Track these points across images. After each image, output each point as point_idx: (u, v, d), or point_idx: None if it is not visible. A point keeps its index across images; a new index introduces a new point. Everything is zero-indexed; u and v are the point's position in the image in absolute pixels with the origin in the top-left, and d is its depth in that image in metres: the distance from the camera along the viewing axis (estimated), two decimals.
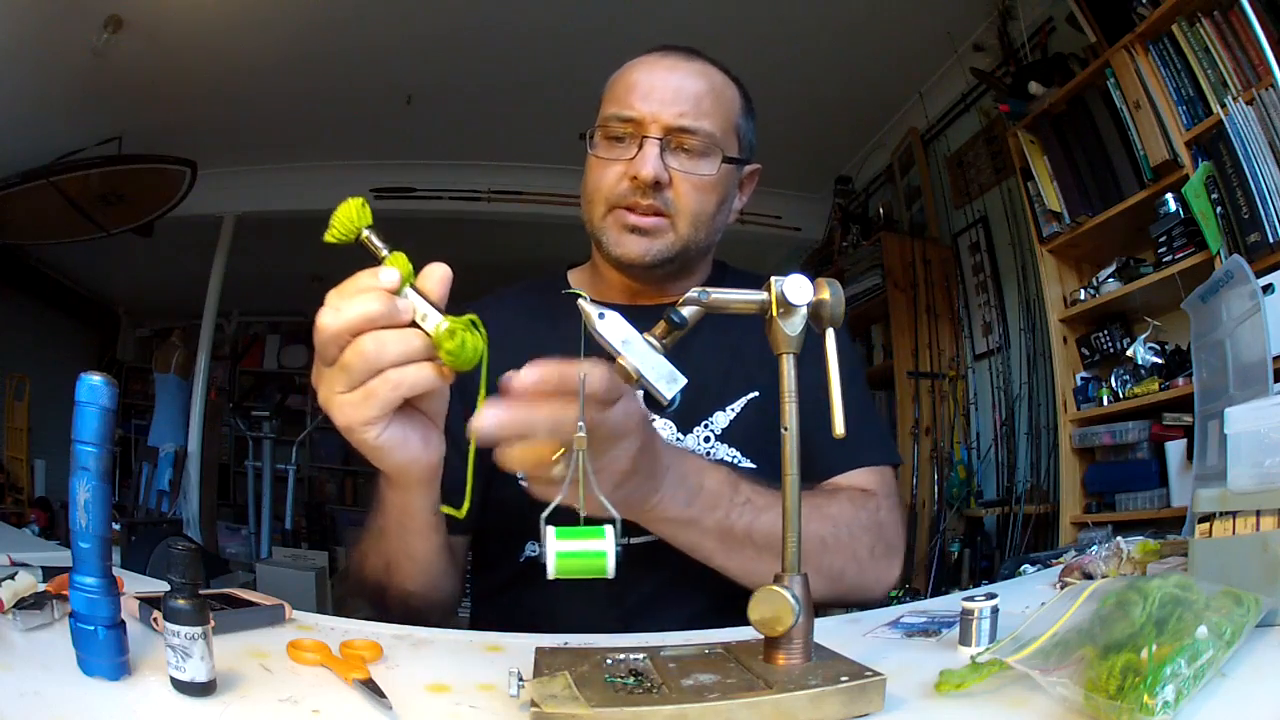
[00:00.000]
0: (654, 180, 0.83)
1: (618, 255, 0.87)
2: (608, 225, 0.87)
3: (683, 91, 0.85)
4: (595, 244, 0.91)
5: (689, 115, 0.85)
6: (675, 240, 0.87)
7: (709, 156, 0.86)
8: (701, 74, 0.88)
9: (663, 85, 0.85)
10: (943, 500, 2.93)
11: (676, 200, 0.86)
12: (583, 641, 0.63)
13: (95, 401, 0.48)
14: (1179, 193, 1.89)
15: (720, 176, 0.87)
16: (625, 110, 0.85)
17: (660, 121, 0.84)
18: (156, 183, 3.48)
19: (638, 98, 0.85)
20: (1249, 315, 0.82)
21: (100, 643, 0.48)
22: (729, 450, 0.86)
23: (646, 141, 0.84)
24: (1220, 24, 1.80)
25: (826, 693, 0.45)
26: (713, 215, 0.89)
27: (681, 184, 0.85)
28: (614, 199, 0.86)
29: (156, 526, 3.90)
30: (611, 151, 0.86)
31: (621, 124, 0.85)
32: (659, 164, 0.83)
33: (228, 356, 5.80)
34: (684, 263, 0.89)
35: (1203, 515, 0.65)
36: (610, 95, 0.89)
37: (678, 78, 0.86)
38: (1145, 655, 0.42)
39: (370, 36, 2.88)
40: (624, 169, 0.85)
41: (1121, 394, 2.14)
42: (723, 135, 0.87)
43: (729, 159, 0.88)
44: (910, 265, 3.15)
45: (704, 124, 0.85)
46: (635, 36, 2.77)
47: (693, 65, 0.88)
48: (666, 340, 0.51)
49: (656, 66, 0.87)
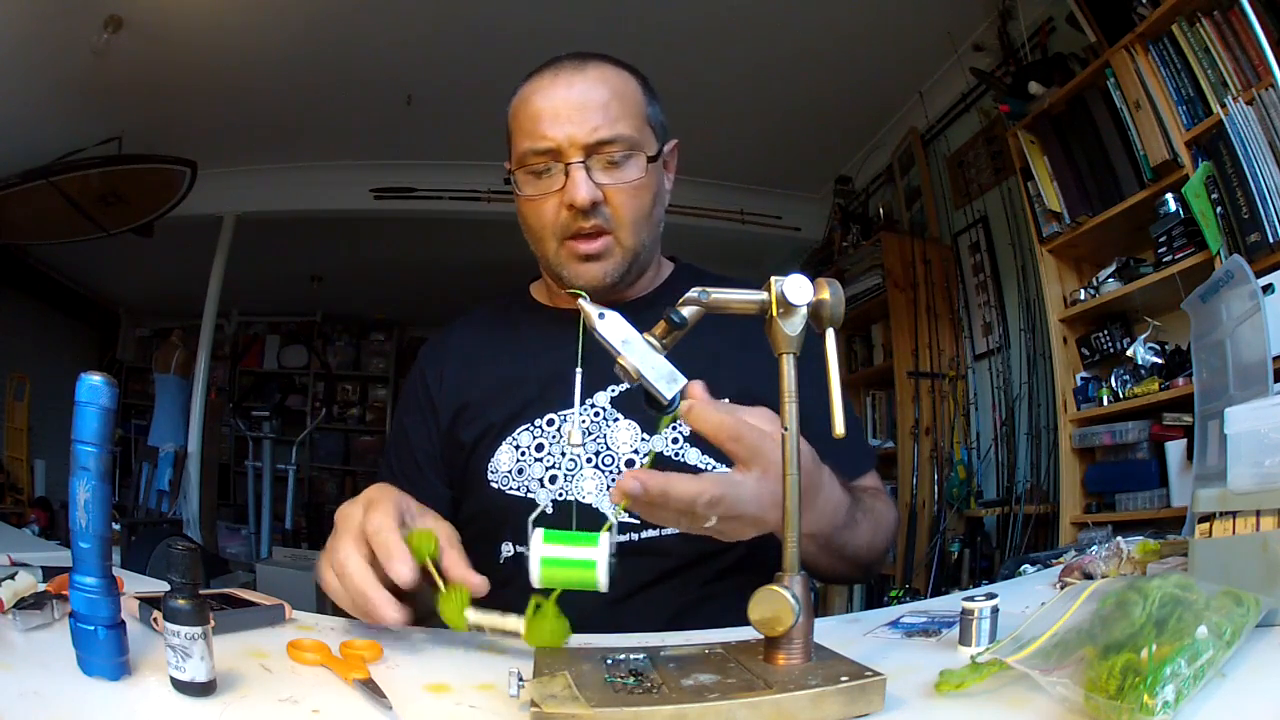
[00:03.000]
0: (590, 203, 0.83)
1: (580, 285, 0.88)
2: (563, 259, 0.88)
3: (589, 105, 0.84)
4: (553, 277, 0.93)
5: (603, 127, 0.84)
6: (623, 254, 0.88)
7: (633, 160, 0.86)
8: (600, 80, 0.86)
9: (566, 105, 0.84)
10: (943, 500, 2.93)
11: (615, 213, 0.86)
12: (583, 641, 0.63)
13: (95, 401, 0.48)
14: (1179, 193, 1.89)
15: (648, 175, 0.87)
16: (539, 143, 0.84)
17: (577, 143, 0.83)
18: (156, 183, 3.48)
19: (546, 125, 0.84)
20: (1249, 315, 0.82)
21: (100, 643, 0.48)
22: (699, 455, 0.86)
23: (571, 167, 0.83)
24: (1220, 24, 1.80)
25: (826, 693, 0.45)
26: (650, 214, 0.90)
27: (615, 196, 0.85)
28: (559, 231, 0.86)
29: (156, 526, 3.90)
30: (539, 187, 0.86)
31: (539, 156, 0.85)
32: (590, 186, 0.83)
33: (228, 356, 5.80)
34: (636, 271, 0.92)
35: (1203, 515, 0.65)
36: (518, 127, 0.88)
37: (579, 92, 0.85)
38: (1145, 655, 0.42)
39: (370, 36, 2.88)
40: (558, 200, 0.85)
41: (1121, 394, 2.14)
42: (638, 133, 0.87)
43: (651, 157, 0.88)
44: (910, 265, 3.15)
45: (620, 130, 0.85)
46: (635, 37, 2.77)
47: (588, 74, 0.86)
48: (666, 340, 0.51)
49: (555, 87, 0.86)
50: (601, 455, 0.87)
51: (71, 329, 5.28)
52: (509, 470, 0.89)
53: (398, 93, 3.26)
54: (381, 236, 4.49)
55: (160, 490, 4.09)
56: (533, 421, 0.90)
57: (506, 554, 0.89)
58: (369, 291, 5.65)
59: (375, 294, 5.70)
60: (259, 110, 3.31)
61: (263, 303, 5.75)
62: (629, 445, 0.87)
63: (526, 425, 0.90)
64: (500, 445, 0.90)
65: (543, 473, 0.87)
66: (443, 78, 3.19)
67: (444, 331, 1.04)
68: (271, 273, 4.98)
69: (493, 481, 0.90)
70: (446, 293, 4.74)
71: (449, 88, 3.26)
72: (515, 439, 0.90)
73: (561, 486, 0.86)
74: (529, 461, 0.88)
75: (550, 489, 0.87)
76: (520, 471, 0.88)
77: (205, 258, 4.01)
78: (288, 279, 5.31)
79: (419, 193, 3.92)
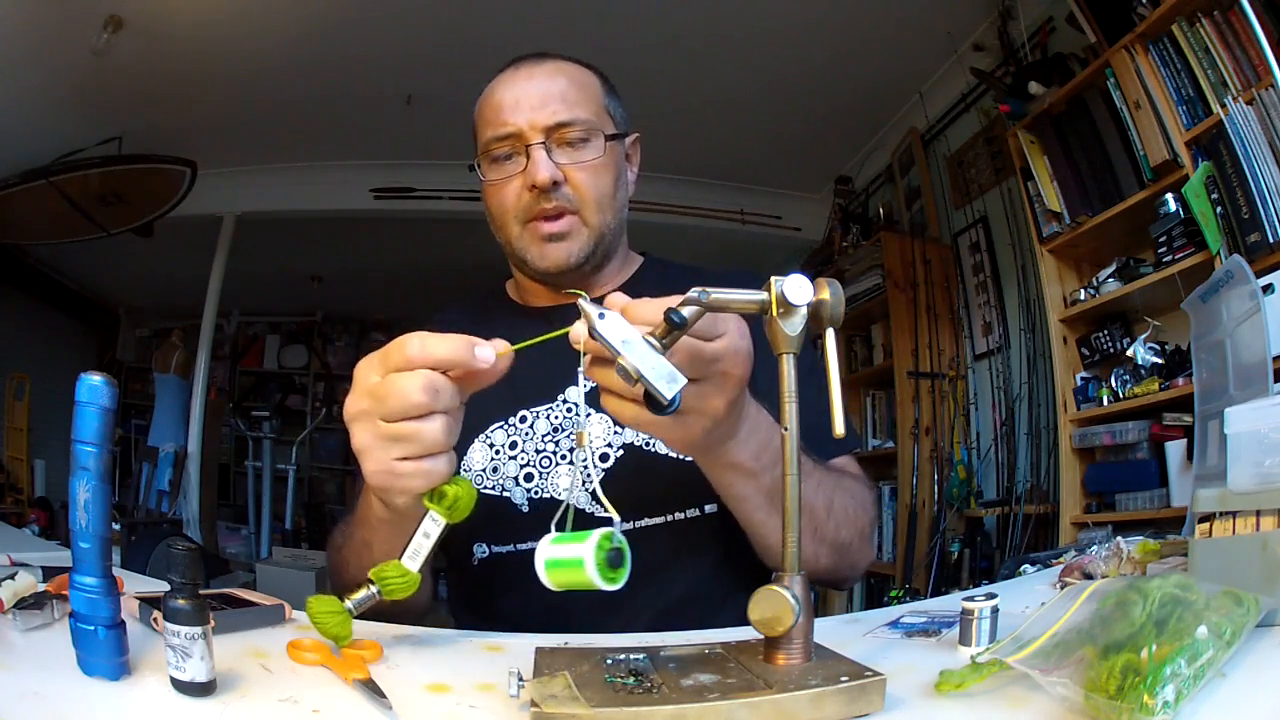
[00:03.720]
0: (551, 182, 0.86)
1: (544, 268, 0.90)
2: (526, 242, 0.90)
3: (548, 93, 0.88)
4: (518, 263, 0.95)
5: (560, 110, 0.88)
6: (589, 233, 0.90)
7: (591, 141, 0.89)
8: (558, 71, 0.91)
9: (525, 93, 0.88)
10: (943, 500, 2.93)
11: (576, 192, 0.89)
12: (583, 641, 0.63)
13: (95, 401, 0.48)
14: (1179, 193, 1.89)
15: (608, 156, 0.90)
16: (500, 129, 0.88)
17: (536, 125, 0.87)
18: (156, 183, 3.48)
19: (508, 112, 0.88)
20: (1249, 315, 0.82)
21: (100, 643, 0.48)
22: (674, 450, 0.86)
23: (531, 148, 0.87)
24: (1220, 24, 1.80)
25: (826, 693, 0.45)
26: (613, 195, 0.92)
27: (576, 175, 0.88)
28: (522, 213, 0.89)
29: (156, 526, 3.90)
30: (502, 171, 0.89)
31: (501, 142, 0.88)
32: (550, 165, 0.86)
33: (228, 356, 5.80)
34: (602, 253, 0.93)
35: (1203, 515, 0.65)
36: (482, 121, 0.92)
37: (537, 83, 0.89)
38: (1145, 655, 0.42)
39: (370, 37, 2.88)
40: (520, 182, 0.88)
41: (1121, 394, 2.14)
42: (596, 118, 0.91)
43: (610, 136, 0.91)
44: (910, 265, 3.15)
45: (577, 113, 0.88)
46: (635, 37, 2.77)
47: (546, 66, 0.92)
48: (666, 340, 0.51)
49: (514, 79, 0.90)
50: (575, 451, 0.87)
51: (71, 329, 5.28)
52: (482, 469, 0.88)
53: (398, 93, 3.25)
54: (381, 236, 4.49)
55: (160, 490, 4.09)
56: (506, 420, 0.89)
57: (480, 555, 0.89)
58: (369, 291, 5.65)
59: (375, 294, 5.69)
60: (259, 110, 3.31)
61: (263, 303, 5.75)
62: (603, 440, 0.86)
63: (500, 423, 0.89)
64: (473, 443, 0.89)
65: (517, 470, 0.87)
66: (443, 78, 3.18)
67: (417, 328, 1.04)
68: (271, 273, 4.98)
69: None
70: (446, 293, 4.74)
71: (449, 88, 3.24)
72: (488, 436, 0.89)
73: (538, 484, 0.86)
74: (503, 460, 0.88)
75: (525, 487, 0.87)
76: (494, 470, 0.88)
77: (205, 258, 4.00)
78: (288, 279, 5.31)
79: (419, 193, 3.92)
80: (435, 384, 0.56)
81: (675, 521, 0.85)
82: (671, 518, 0.85)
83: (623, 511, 0.85)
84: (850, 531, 0.79)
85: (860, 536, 0.81)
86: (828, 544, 0.77)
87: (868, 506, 0.84)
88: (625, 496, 0.85)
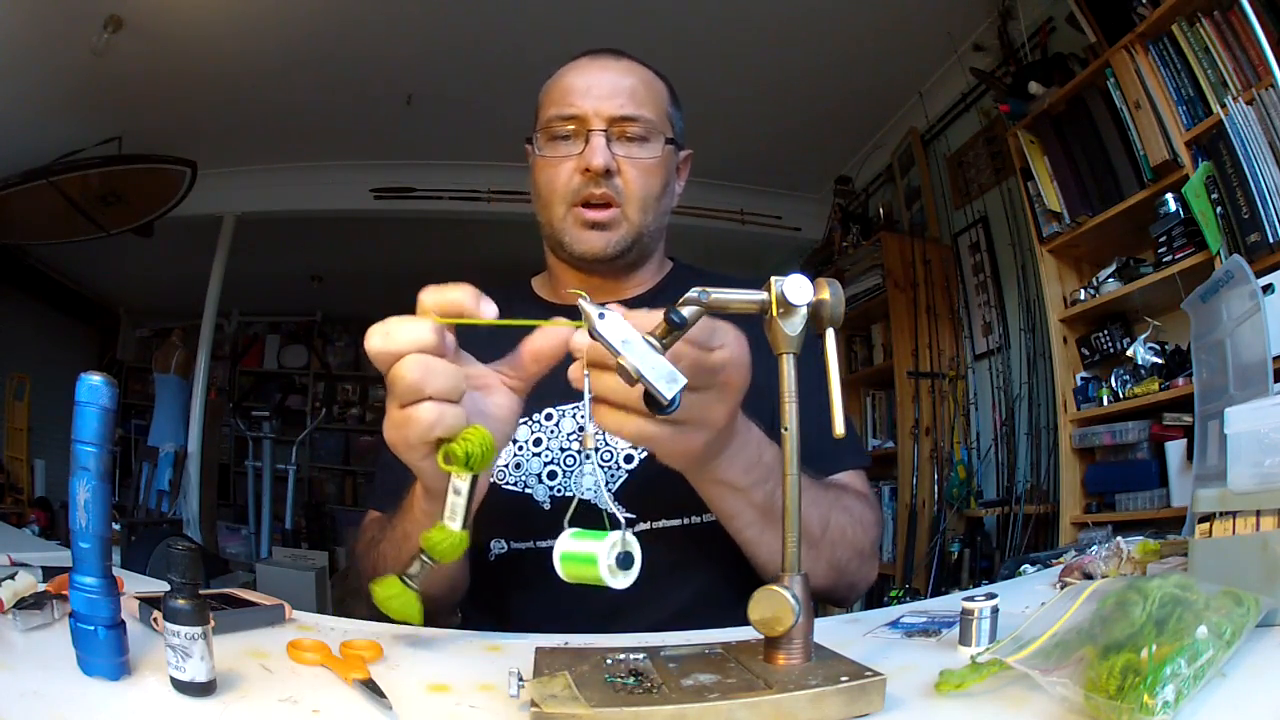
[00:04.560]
0: (605, 169, 0.87)
1: (580, 252, 0.91)
2: (568, 225, 0.91)
3: (618, 85, 0.91)
4: (554, 245, 0.94)
5: (628, 105, 0.89)
6: (629, 228, 0.91)
7: (650, 141, 0.91)
8: (631, 69, 0.94)
9: (598, 82, 0.90)
10: (943, 500, 2.93)
11: (625, 186, 0.90)
12: (583, 641, 0.63)
13: (95, 401, 0.48)
14: (1179, 193, 1.89)
15: (662, 159, 0.92)
16: (566, 109, 0.89)
17: (602, 114, 0.89)
18: (156, 183, 3.48)
19: (576, 96, 0.90)
20: (1249, 315, 0.82)
21: (100, 643, 0.48)
22: None
23: (592, 134, 0.88)
24: (1220, 24, 1.80)
25: (826, 693, 0.45)
26: (659, 198, 0.93)
27: (629, 169, 0.90)
28: (570, 196, 0.90)
29: (156, 526, 3.90)
30: (558, 150, 0.90)
31: (564, 122, 0.90)
32: (606, 152, 0.88)
33: (228, 356, 5.80)
34: (639, 252, 0.94)
35: (1203, 515, 0.65)
36: (548, 99, 0.93)
37: (610, 75, 0.91)
38: (1145, 655, 0.42)
39: (370, 36, 2.88)
40: (574, 164, 0.89)
41: (1121, 394, 2.14)
42: (659, 121, 0.92)
43: (669, 140, 0.93)
44: (910, 265, 3.15)
45: (643, 111, 0.90)
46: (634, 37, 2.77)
47: (622, 63, 0.94)
48: (666, 340, 0.51)
49: (589, 67, 0.93)
50: (600, 451, 0.87)
51: (71, 329, 5.28)
52: (505, 465, 0.88)
53: (398, 93, 3.25)
54: (381, 236, 4.49)
55: (160, 490, 4.08)
56: (530, 416, 0.89)
57: (498, 551, 0.89)
58: (369, 291, 5.65)
59: (375, 294, 5.68)
60: (259, 110, 3.31)
61: (263, 303, 5.75)
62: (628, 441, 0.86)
63: (524, 419, 0.89)
64: None
65: (541, 468, 0.87)
66: (443, 78, 3.19)
67: None
68: (271, 273, 4.98)
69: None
70: None
71: (449, 88, 3.26)
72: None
73: (561, 482, 0.86)
74: (526, 456, 0.88)
75: (549, 484, 0.87)
76: (518, 466, 0.88)
77: (205, 258, 4.00)
78: (288, 279, 5.31)
79: (419, 193, 3.92)
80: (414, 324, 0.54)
81: (692, 525, 0.84)
82: (688, 521, 0.84)
83: (642, 512, 0.85)
84: (847, 552, 0.79)
85: (859, 556, 0.80)
86: (824, 562, 0.76)
87: (869, 526, 0.83)
88: (647, 498, 0.85)
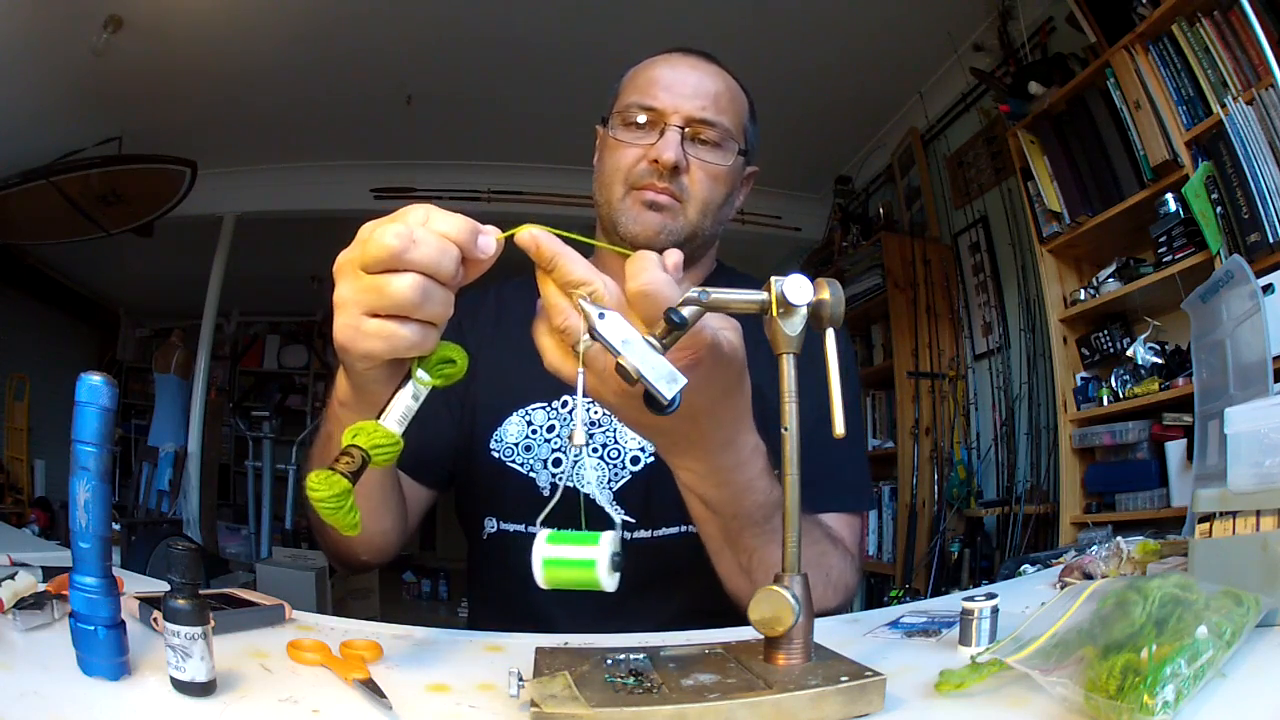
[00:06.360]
0: (674, 165, 0.87)
1: (635, 232, 0.89)
2: (626, 205, 0.90)
3: (703, 87, 0.91)
4: (608, 226, 0.93)
5: (709, 109, 0.90)
6: (686, 225, 0.91)
7: (724, 148, 0.91)
8: (719, 75, 0.94)
9: (684, 80, 0.91)
10: (943, 500, 2.93)
11: (691, 187, 0.90)
12: (583, 641, 0.63)
13: (95, 401, 0.48)
14: (1179, 193, 1.89)
15: (731, 168, 0.92)
16: (648, 100, 0.90)
17: (682, 112, 0.89)
18: (156, 183, 3.48)
19: (660, 89, 0.90)
20: (1249, 315, 0.82)
21: (100, 643, 0.48)
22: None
23: (669, 129, 0.88)
24: (1220, 24, 1.79)
25: (826, 693, 0.45)
26: (720, 206, 0.93)
27: (697, 171, 0.90)
28: (632, 180, 0.90)
29: (156, 526, 3.89)
30: (631, 135, 0.91)
31: (643, 111, 0.90)
32: (679, 150, 0.88)
33: (228, 356, 5.79)
34: (689, 252, 0.91)
35: (1203, 515, 0.65)
36: (631, 86, 0.94)
37: (698, 76, 0.92)
38: (1145, 655, 0.42)
39: (370, 37, 2.88)
40: (643, 152, 0.89)
41: (1121, 394, 2.14)
42: (735, 131, 0.93)
43: (741, 151, 0.93)
44: (910, 265, 3.15)
45: (722, 119, 0.91)
46: (635, 37, 2.77)
47: (710, 67, 0.94)
48: (667, 340, 0.51)
49: (679, 64, 0.93)
50: (608, 448, 0.87)
51: (71, 329, 5.28)
52: (514, 443, 0.89)
53: (398, 93, 3.25)
54: None
55: (160, 490, 4.08)
56: (549, 402, 0.90)
57: (490, 530, 0.89)
58: None
59: None
60: (259, 110, 3.31)
61: (263, 303, 5.74)
62: (636, 441, 0.87)
63: (543, 404, 0.90)
64: (511, 415, 0.90)
65: (549, 454, 0.88)
66: (443, 78, 3.18)
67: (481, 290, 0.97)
68: (271, 273, 4.97)
69: (494, 451, 0.89)
70: None
71: (449, 88, 3.26)
72: (529, 414, 0.90)
73: (562, 471, 0.87)
74: (538, 440, 0.88)
75: (552, 471, 0.87)
76: (527, 449, 0.88)
77: (205, 258, 4.00)
78: (288, 279, 5.30)
79: (419, 193, 3.91)
80: (415, 235, 0.51)
81: (691, 534, 0.84)
82: (688, 529, 0.84)
83: (644, 515, 0.85)
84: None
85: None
86: None
87: (839, 588, 0.77)
88: (647, 503, 0.85)
